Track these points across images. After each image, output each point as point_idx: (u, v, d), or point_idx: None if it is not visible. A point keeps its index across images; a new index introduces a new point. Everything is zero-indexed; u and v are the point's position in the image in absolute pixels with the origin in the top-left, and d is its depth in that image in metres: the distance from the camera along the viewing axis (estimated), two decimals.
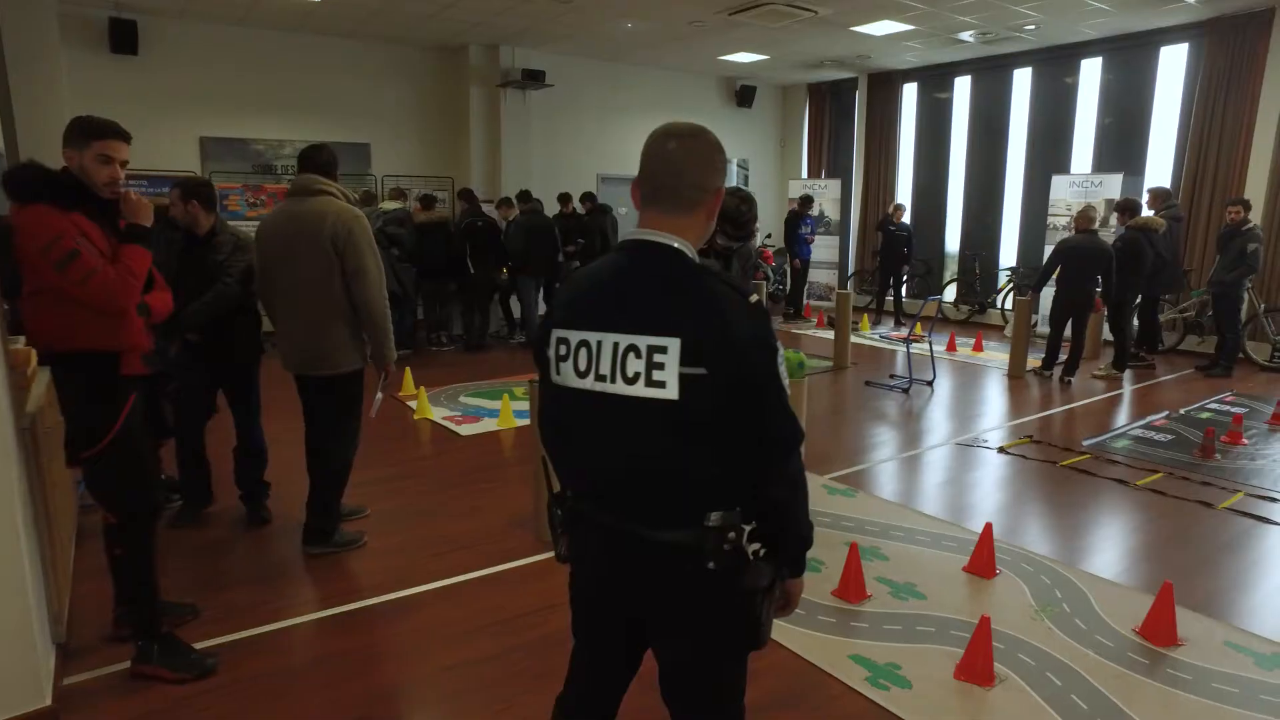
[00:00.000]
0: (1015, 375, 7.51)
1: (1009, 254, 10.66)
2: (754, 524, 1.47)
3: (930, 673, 2.70)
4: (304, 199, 3.29)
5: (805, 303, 11.11)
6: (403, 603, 3.22)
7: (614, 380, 1.43)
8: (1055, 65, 9.86)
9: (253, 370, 3.85)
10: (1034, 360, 7.61)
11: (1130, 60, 9.24)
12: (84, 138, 2.38)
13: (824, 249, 11.68)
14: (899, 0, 7.69)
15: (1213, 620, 3.10)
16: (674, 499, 1.44)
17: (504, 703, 2.55)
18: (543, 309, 9.29)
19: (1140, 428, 5.80)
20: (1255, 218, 7.92)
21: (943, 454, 5.24)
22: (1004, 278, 10.49)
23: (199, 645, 2.81)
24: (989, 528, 3.51)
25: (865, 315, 10.64)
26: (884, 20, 8.52)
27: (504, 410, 5.81)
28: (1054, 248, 7.36)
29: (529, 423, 5.83)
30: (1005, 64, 10.20)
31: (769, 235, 12.39)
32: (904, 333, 7.48)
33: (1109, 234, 7.90)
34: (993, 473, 4.87)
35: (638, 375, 1.40)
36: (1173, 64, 8.89)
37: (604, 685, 1.73)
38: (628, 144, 11.35)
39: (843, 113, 12.32)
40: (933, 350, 7.59)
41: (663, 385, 1.38)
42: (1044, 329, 8.05)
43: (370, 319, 3.40)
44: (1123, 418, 6.11)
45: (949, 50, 10.05)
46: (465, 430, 5.59)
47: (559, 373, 1.52)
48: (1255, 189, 8.04)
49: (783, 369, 1.44)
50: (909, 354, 7.08)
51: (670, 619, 1.55)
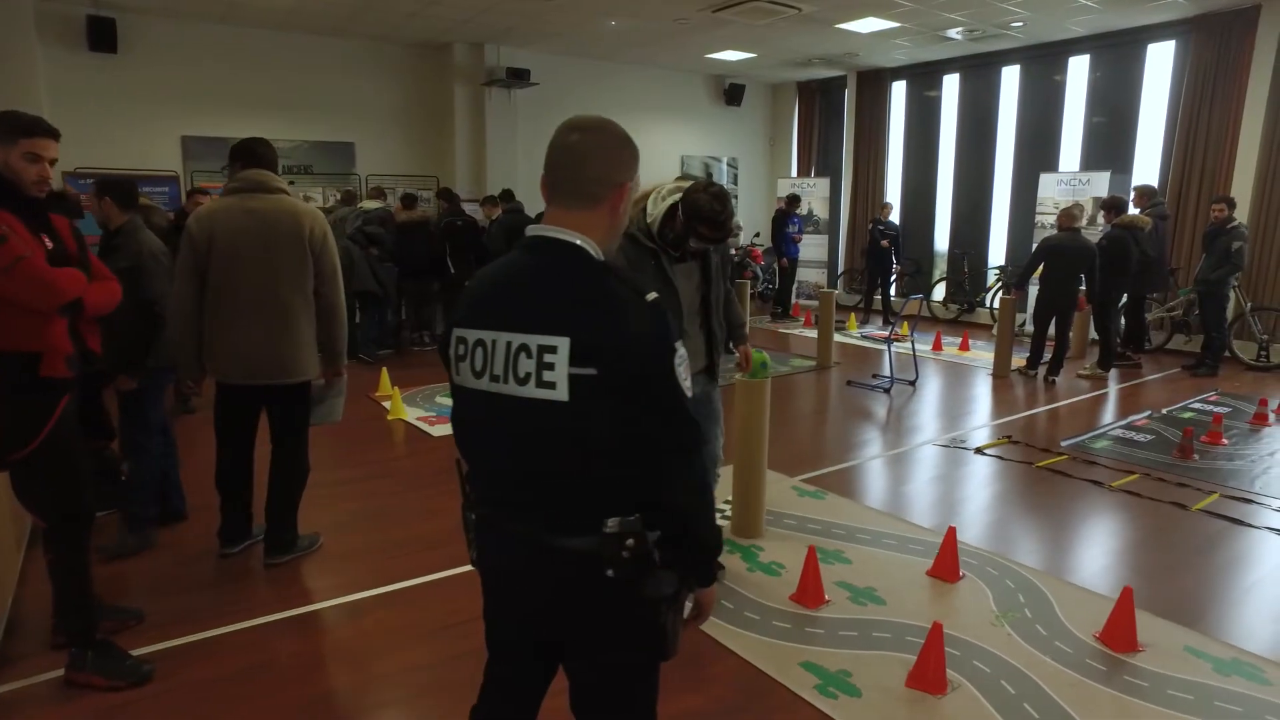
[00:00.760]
0: (1000, 375, 7.46)
1: (998, 253, 10.61)
2: (656, 531, 1.42)
3: (881, 681, 2.65)
4: (262, 196, 3.19)
5: (794, 302, 11.05)
6: (354, 606, 3.17)
7: (506, 381, 1.38)
8: (1043, 63, 9.81)
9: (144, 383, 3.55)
10: (1019, 360, 7.56)
11: (1118, 58, 9.18)
12: (11, 135, 2.32)
13: (813, 248, 11.64)
14: None
15: (1175, 625, 3.04)
16: (569, 504, 1.40)
17: (441, 712, 2.50)
18: None
19: (1121, 428, 5.75)
20: (1242, 215, 7.87)
21: (919, 455, 5.19)
22: (993, 276, 10.43)
23: (142, 651, 2.76)
24: (952, 531, 3.46)
25: (852, 314, 10.59)
26: (869, 17, 8.47)
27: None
28: (1037, 245, 7.31)
29: None
30: (993, 62, 10.15)
31: (757, 234, 12.35)
32: (885, 332, 7.42)
33: (1096, 232, 7.85)
34: (967, 474, 4.82)
35: (529, 376, 1.36)
36: (1160, 61, 8.84)
37: (515, 698, 1.68)
38: None
39: (832, 111, 12.27)
40: (915, 349, 7.53)
41: (553, 386, 1.34)
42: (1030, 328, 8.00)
43: (338, 322, 3.39)
44: (1105, 418, 6.05)
45: (937, 48, 10.00)
46: (437, 431, 5.54)
47: (458, 373, 1.48)
48: (1242, 186, 7.99)
49: (681, 370, 1.38)
50: (890, 353, 7.03)
51: (573, 629, 1.50)
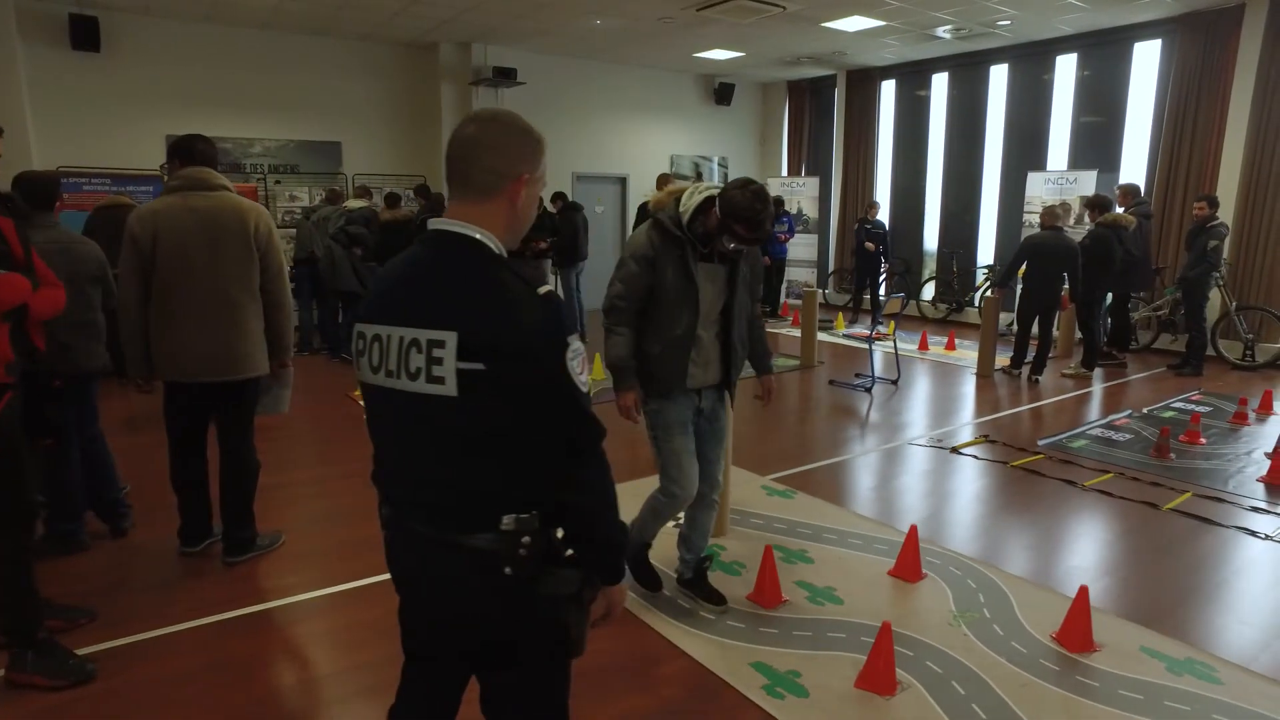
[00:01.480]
0: (983, 374, 7.43)
1: (987, 252, 10.58)
2: (557, 529, 1.41)
3: (830, 681, 2.63)
4: (204, 194, 3.18)
5: (783, 301, 11.04)
6: (309, 605, 3.15)
7: (399, 376, 1.37)
8: (1031, 62, 9.78)
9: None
10: (1004, 359, 7.54)
11: (1105, 57, 9.16)
12: None
13: (803, 247, 11.62)
14: None
15: (1134, 625, 3.02)
16: (465, 501, 1.38)
17: (383, 711, 2.48)
18: None
19: (1100, 427, 5.72)
20: (1227, 214, 7.86)
21: (894, 454, 5.16)
22: (982, 276, 10.41)
23: (90, 650, 2.75)
24: (913, 530, 3.44)
25: (840, 314, 10.56)
26: (855, 15, 8.45)
27: None
28: (1020, 244, 7.29)
29: None
30: (982, 61, 10.12)
31: None
32: (868, 331, 7.39)
33: (1083, 231, 7.82)
34: (941, 474, 4.79)
35: (419, 370, 1.34)
36: (1147, 60, 8.82)
37: (429, 699, 1.66)
38: (605, 143, 11.31)
39: (822, 110, 12.24)
40: (897, 349, 7.51)
41: (441, 381, 1.32)
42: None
43: (284, 316, 3.41)
44: (1085, 417, 6.03)
45: (926, 47, 9.98)
46: None
47: (359, 368, 1.47)
48: (1227, 185, 7.97)
49: (575, 365, 1.36)
50: (871, 353, 7.01)
51: (476, 628, 1.49)
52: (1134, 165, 9.01)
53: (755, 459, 4.85)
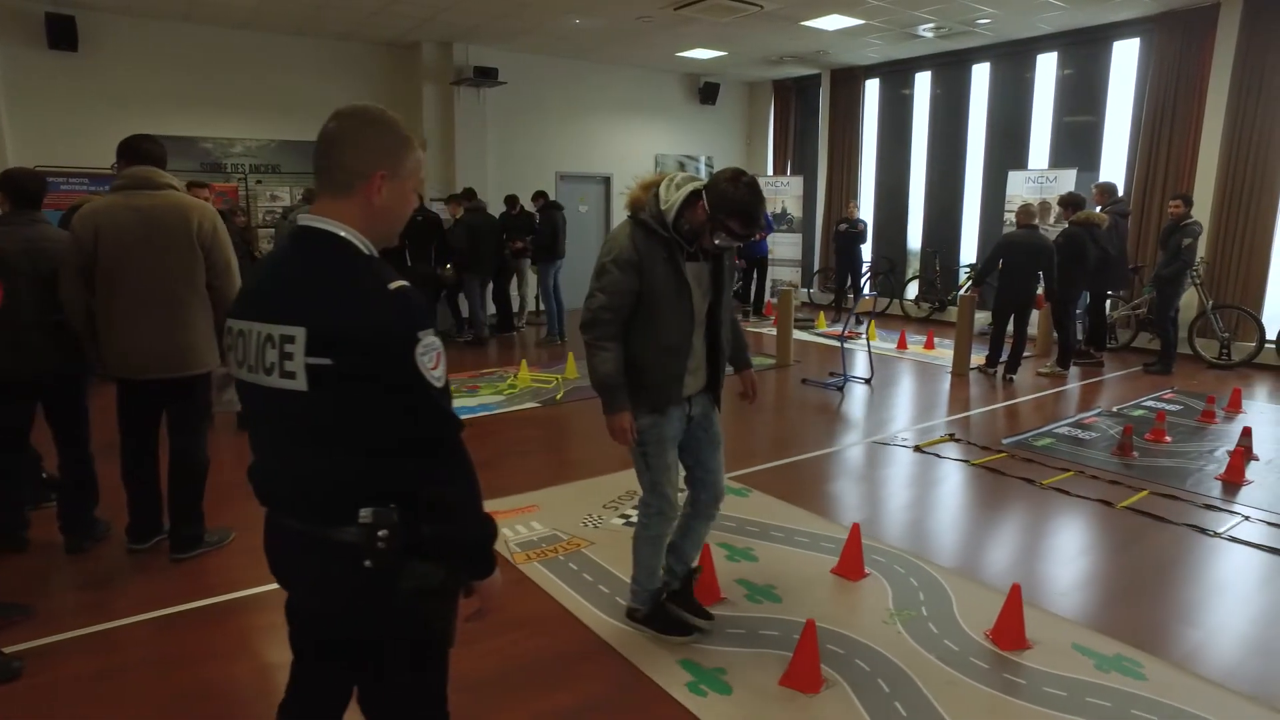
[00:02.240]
0: (959, 373, 7.43)
1: (970, 251, 10.57)
2: (422, 523, 1.42)
3: (756, 679, 2.63)
4: (147, 193, 3.20)
5: (767, 301, 11.03)
6: (252, 601, 3.16)
7: (258, 371, 1.39)
8: (1012, 61, 9.78)
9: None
10: (980, 358, 7.53)
11: (1085, 55, 9.16)
12: None
13: (787, 246, 11.62)
14: None
15: (1068, 622, 3.02)
16: (323, 494, 1.40)
17: None
18: (492, 309, 9.26)
19: (1067, 425, 5.72)
20: (1203, 213, 7.85)
21: (856, 453, 5.16)
22: (964, 274, 10.39)
23: (22, 647, 2.76)
24: (856, 528, 3.44)
25: (821, 313, 10.56)
26: (833, 14, 8.44)
27: None
28: (996, 243, 7.28)
29: None
30: (964, 60, 10.12)
31: None
32: (846, 330, 7.38)
33: (1059, 230, 7.81)
34: (901, 472, 4.79)
35: (274, 365, 1.36)
36: (1126, 59, 8.81)
37: (313, 695, 1.67)
38: (589, 142, 11.31)
39: (808, 110, 12.24)
40: (870, 347, 7.50)
41: (293, 376, 1.34)
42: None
43: None
44: (1056, 416, 6.02)
45: (908, 46, 9.97)
46: None
47: (227, 364, 1.48)
48: (1204, 184, 7.96)
49: (426, 360, 1.36)
50: (843, 351, 7.01)
51: (343, 622, 1.50)
52: (1114, 164, 9.01)
53: None
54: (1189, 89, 8.00)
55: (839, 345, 7.11)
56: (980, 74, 10.13)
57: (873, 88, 11.32)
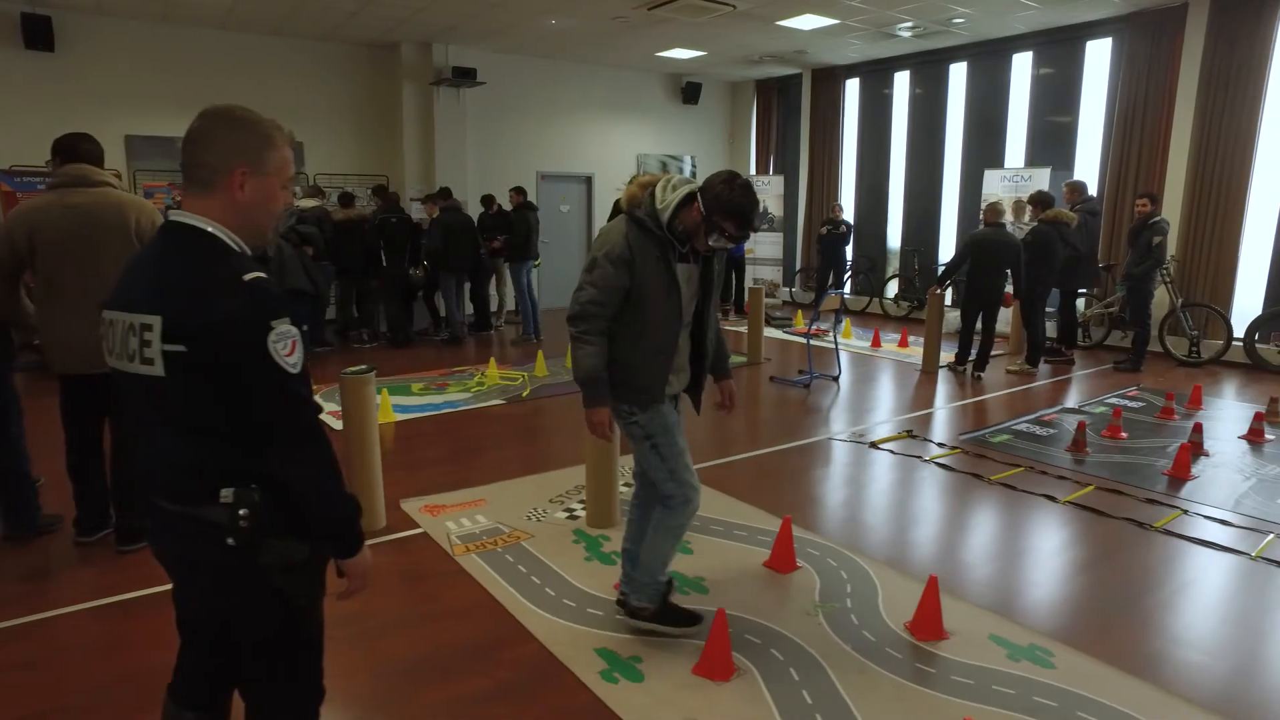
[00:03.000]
0: (928, 371, 7.47)
1: (948, 250, 10.60)
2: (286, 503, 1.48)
3: (669, 667, 2.67)
4: (83, 190, 3.24)
5: (748, 300, 11.06)
6: None
7: (123, 358, 1.47)
8: (989, 60, 9.81)
9: None
10: (950, 355, 7.57)
11: (1059, 55, 9.19)
12: None
13: (769, 246, 11.66)
14: None
15: (989, 613, 3.06)
16: (188, 475, 1.47)
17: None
18: (470, 308, 9.31)
19: (1027, 422, 5.75)
20: (1173, 212, 7.89)
21: (813, 450, 5.20)
22: (942, 273, 10.43)
23: None
24: (787, 521, 3.48)
25: (799, 312, 10.60)
26: (807, 14, 8.48)
27: (383, 404, 5.80)
28: (963, 241, 7.32)
29: (410, 416, 5.86)
30: (942, 59, 10.16)
31: None
32: (825, 327, 7.43)
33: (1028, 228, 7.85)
34: (851, 468, 4.83)
35: (135, 353, 1.44)
36: (1099, 59, 8.84)
37: (196, 677, 1.72)
38: (570, 142, 11.36)
39: (790, 109, 12.28)
40: (838, 345, 7.54)
41: (151, 363, 1.42)
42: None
43: None
44: (1019, 413, 6.05)
45: (887, 45, 10.01)
46: (340, 425, 5.56)
47: (105, 352, 1.55)
48: (1174, 182, 8.00)
49: (279, 348, 1.41)
50: (808, 348, 7.05)
51: (212, 600, 1.57)
52: (1088, 162, 9.04)
53: None
54: (1159, 88, 8.04)
55: (810, 341, 7.15)
56: (958, 73, 10.17)
57: (853, 87, 11.36)
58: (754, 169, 12.66)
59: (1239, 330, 7.64)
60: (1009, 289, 7.12)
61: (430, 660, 2.74)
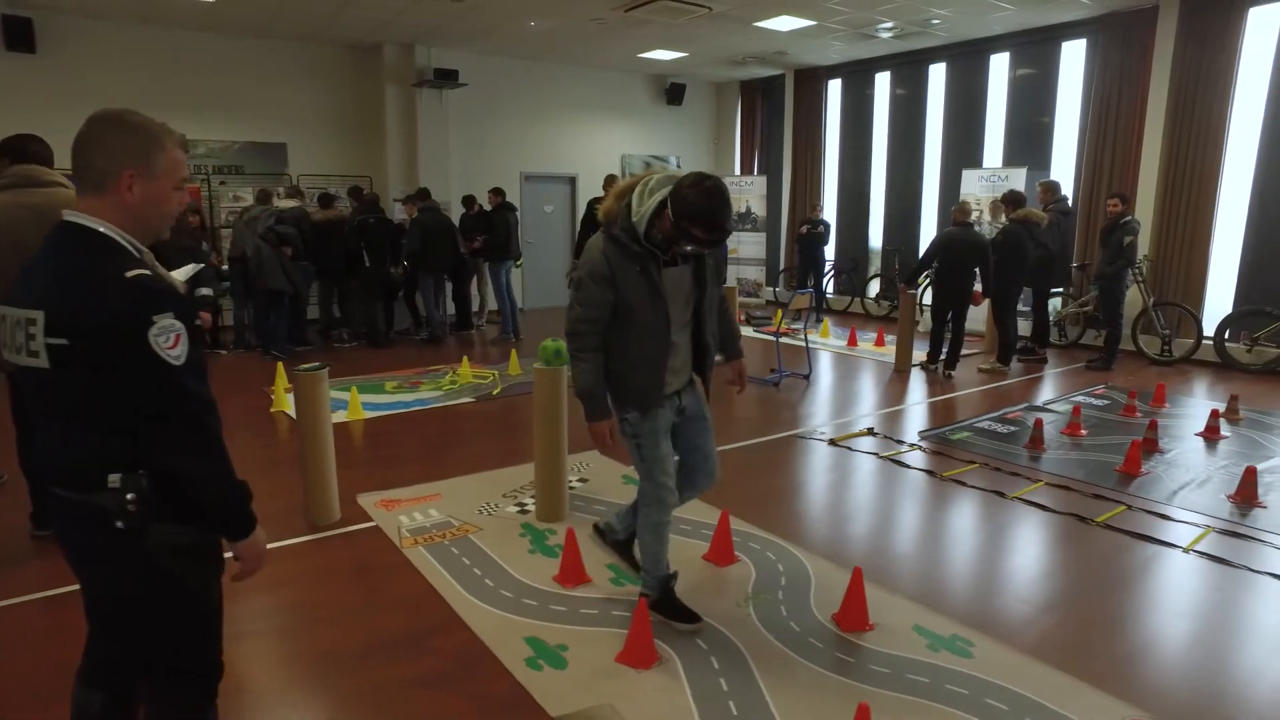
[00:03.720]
0: (901, 369, 7.53)
1: None
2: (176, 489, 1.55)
3: (594, 655, 2.74)
4: (35, 190, 3.30)
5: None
6: None
7: (15, 352, 1.54)
8: (967, 60, 9.87)
9: None
10: (921, 354, 7.63)
11: (1035, 56, 9.25)
12: None
13: (752, 245, 11.72)
14: None
15: (917, 605, 3.12)
16: (79, 463, 1.54)
17: None
18: (451, 308, 9.38)
19: (989, 420, 5.81)
20: (1145, 212, 7.95)
21: (772, 447, 5.26)
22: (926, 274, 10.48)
23: None
24: (725, 515, 3.55)
25: (779, 310, 10.64)
26: (783, 15, 8.54)
27: (352, 402, 5.87)
28: (931, 240, 7.38)
29: (380, 414, 5.92)
30: (922, 60, 10.21)
31: None
32: (776, 326, 7.48)
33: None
34: (808, 465, 4.89)
35: (22, 346, 1.51)
36: (1074, 60, 8.90)
37: (102, 657, 1.79)
38: (554, 143, 11.43)
39: (774, 110, 12.34)
40: (808, 343, 7.61)
41: (37, 355, 1.48)
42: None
43: None
44: (983, 410, 6.11)
45: (867, 46, 10.07)
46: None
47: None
48: (1146, 184, 8.05)
49: (162, 341, 1.47)
50: (777, 346, 7.12)
51: (103, 582, 1.64)
52: (1064, 163, 9.10)
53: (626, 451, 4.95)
54: (1131, 89, 8.09)
55: (774, 340, 7.22)
56: (937, 74, 10.23)
57: (835, 88, 11.42)
58: (738, 169, 12.73)
59: (1209, 329, 7.69)
60: (978, 288, 7.17)
61: (362, 648, 2.81)
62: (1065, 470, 4.71)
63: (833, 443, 5.28)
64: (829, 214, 11.46)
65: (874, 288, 11.18)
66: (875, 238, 11.37)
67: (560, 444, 3.85)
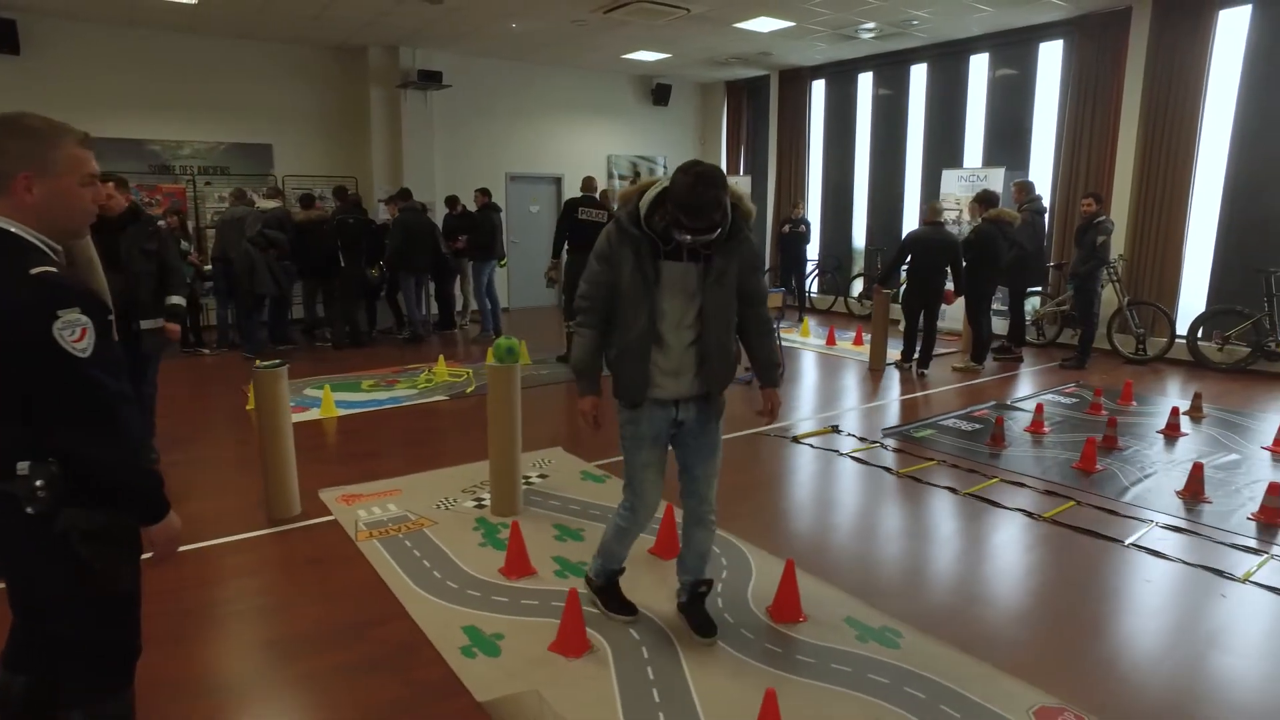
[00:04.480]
0: (875, 368, 7.59)
1: None
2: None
3: (527, 644, 2.80)
4: None
5: None
6: None
7: None
8: (948, 61, 9.93)
9: None
10: (896, 353, 7.69)
11: (1013, 57, 9.31)
12: None
13: None
14: None
15: (851, 597, 3.18)
16: None
17: None
18: (434, 307, 9.45)
19: (954, 418, 5.87)
20: (1120, 212, 8.00)
21: (733, 444, 5.30)
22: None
23: None
24: (670, 509, 3.62)
25: None
26: (762, 16, 8.60)
27: (325, 399, 5.94)
28: (902, 240, 7.44)
29: (352, 411, 6.00)
30: (903, 60, 10.27)
31: None
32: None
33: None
34: (767, 462, 4.96)
35: None
36: (1051, 61, 8.95)
37: (22, 640, 1.85)
38: (539, 143, 11.50)
39: (759, 110, 12.40)
40: (784, 342, 7.67)
41: None
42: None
43: None
44: (950, 408, 6.17)
45: (850, 47, 10.13)
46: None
47: None
48: (1121, 183, 8.11)
49: (66, 335, 1.54)
50: None
51: (16, 564, 1.72)
52: (1041, 163, 9.16)
53: (589, 447, 5.03)
54: (1106, 89, 8.15)
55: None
56: (918, 74, 10.28)
57: (819, 88, 11.48)
58: (724, 169, 12.78)
59: (1182, 328, 7.75)
60: (949, 286, 7.24)
61: (303, 637, 2.88)
62: (1022, 467, 4.77)
63: (796, 440, 5.34)
64: (814, 214, 11.52)
65: (857, 287, 11.24)
66: (859, 237, 11.43)
67: (514, 440, 3.92)
